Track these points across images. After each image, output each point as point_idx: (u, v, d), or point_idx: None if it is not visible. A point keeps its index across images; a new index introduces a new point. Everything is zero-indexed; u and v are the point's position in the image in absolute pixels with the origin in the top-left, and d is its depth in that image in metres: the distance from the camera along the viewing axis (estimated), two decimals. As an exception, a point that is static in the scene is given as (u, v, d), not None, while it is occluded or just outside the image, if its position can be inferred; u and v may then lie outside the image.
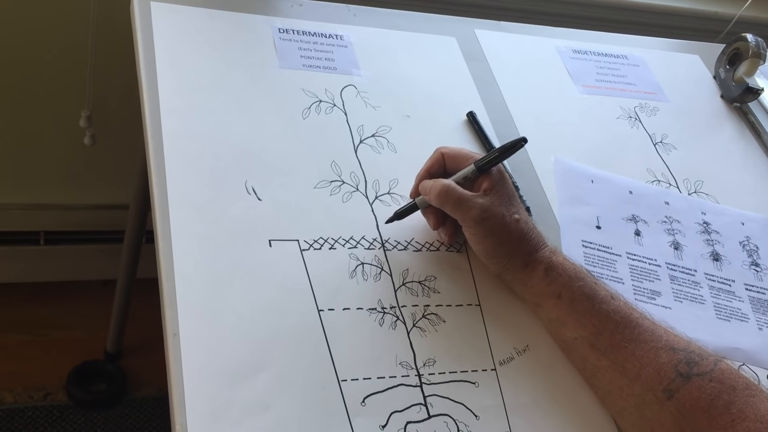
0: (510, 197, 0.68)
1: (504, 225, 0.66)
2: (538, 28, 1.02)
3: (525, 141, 0.69)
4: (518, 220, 0.67)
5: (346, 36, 0.88)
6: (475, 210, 0.66)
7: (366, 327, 0.64)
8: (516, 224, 0.66)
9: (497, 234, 0.66)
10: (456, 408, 0.62)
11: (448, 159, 0.70)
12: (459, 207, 0.66)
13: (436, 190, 0.67)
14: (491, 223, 0.66)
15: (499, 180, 0.68)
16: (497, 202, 0.67)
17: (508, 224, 0.66)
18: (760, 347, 0.77)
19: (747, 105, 1.04)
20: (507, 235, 0.66)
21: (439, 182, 0.67)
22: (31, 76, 1.20)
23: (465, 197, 0.66)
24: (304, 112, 0.78)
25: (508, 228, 0.66)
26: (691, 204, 0.88)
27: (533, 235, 0.68)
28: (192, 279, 0.62)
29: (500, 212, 0.66)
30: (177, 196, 0.66)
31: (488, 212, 0.66)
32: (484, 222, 0.66)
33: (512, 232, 0.66)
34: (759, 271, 0.85)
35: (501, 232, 0.66)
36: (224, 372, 0.58)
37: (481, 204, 0.66)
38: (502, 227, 0.66)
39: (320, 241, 0.68)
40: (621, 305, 0.64)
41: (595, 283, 0.66)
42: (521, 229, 0.67)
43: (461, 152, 0.70)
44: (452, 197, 0.66)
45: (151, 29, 0.78)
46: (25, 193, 1.33)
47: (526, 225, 0.68)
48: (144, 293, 1.18)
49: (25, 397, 1.33)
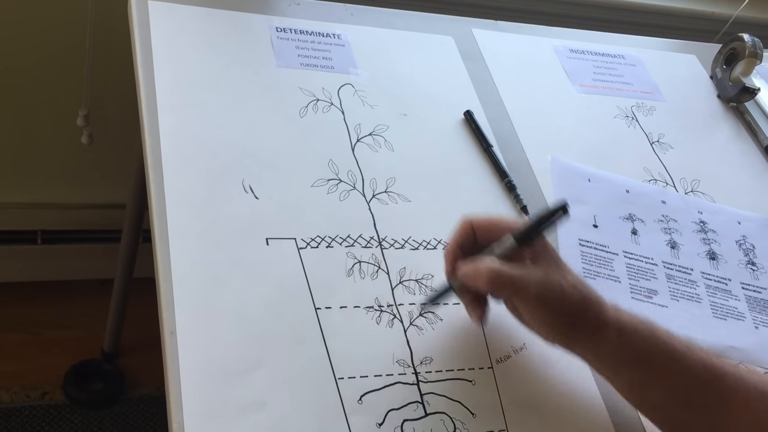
0: (558, 262, 0.61)
1: (563, 292, 0.59)
2: (535, 27, 1.02)
3: (567, 209, 0.61)
4: (574, 284, 0.60)
5: (344, 35, 0.88)
6: (532, 288, 0.58)
7: (363, 325, 0.64)
8: (574, 288, 0.59)
9: (560, 307, 0.59)
10: (453, 406, 0.62)
11: (478, 230, 0.63)
12: (515, 289, 0.59)
13: (486, 276, 0.59)
14: (552, 297, 0.58)
15: (542, 248, 0.61)
16: (550, 271, 0.60)
17: (566, 290, 0.59)
18: (756, 346, 0.78)
19: (743, 105, 1.04)
20: (569, 303, 0.59)
21: (484, 266, 0.59)
22: (28, 75, 1.20)
23: (518, 276, 0.59)
24: (301, 111, 0.78)
25: (568, 294, 0.59)
26: (688, 203, 0.88)
27: (593, 296, 0.60)
28: (189, 277, 0.62)
29: (557, 281, 0.59)
30: (174, 194, 0.66)
31: (546, 285, 0.58)
32: (544, 296, 0.58)
33: (573, 298, 0.59)
34: (755, 270, 0.85)
35: (563, 301, 0.59)
36: (221, 370, 0.58)
37: (536, 278, 0.58)
38: (562, 297, 0.59)
39: (317, 239, 0.68)
40: (700, 356, 0.60)
41: (669, 336, 0.60)
42: (581, 293, 0.60)
43: (492, 221, 0.63)
44: (505, 280, 0.59)
45: (148, 28, 0.78)
46: (22, 192, 1.33)
47: (583, 287, 0.60)
48: (141, 292, 1.18)
49: (23, 396, 1.33)
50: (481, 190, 0.79)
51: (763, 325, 0.80)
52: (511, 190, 0.79)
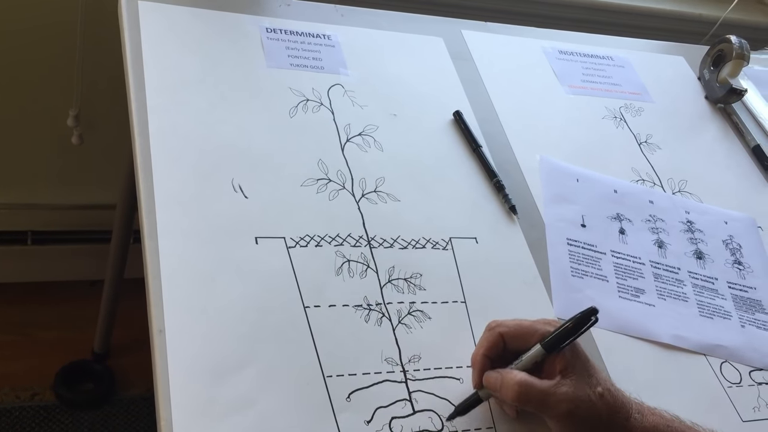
0: (587, 368, 0.60)
1: (593, 407, 0.58)
2: (524, 29, 1.03)
3: (596, 313, 0.60)
4: (602, 393, 0.59)
5: (334, 36, 0.88)
6: (563, 405, 0.58)
7: (352, 323, 0.65)
8: (602, 399, 0.59)
9: (588, 420, 0.58)
10: (441, 404, 0.63)
11: (508, 338, 0.62)
12: (544, 406, 0.58)
13: (513, 392, 0.58)
14: (580, 412, 0.58)
15: (573, 354, 0.60)
16: (579, 383, 0.59)
17: (595, 404, 0.59)
18: (742, 344, 0.78)
19: (731, 106, 1.05)
20: (598, 417, 0.59)
21: (512, 379, 0.59)
22: (18, 75, 1.20)
23: (547, 392, 0.58)
24: (291, 111, 0.78)
25: (597, 408, 0.59)
26: (675, 203, 0.89)
27: (619, 402, 0.60)
28: (178, 276, 0.62)
29: (586, 395, 0.58)
30: (163, 193, 0.67)
31: (576, 401, 0.58)
32: (574, 413, 0.58)
33: (602, 412, 0.59)
34: (741, 270, 0.85)
35: (592, 416, 0.58)
36: (210, 368, 0.58)
37: (566, 394, 0.58)
38: (592, 411, 0.58)
39: (306, 238, 0.69)
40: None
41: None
42: (608, 402, 0.59)
43: (522, 327, 0.62)
44: (534, 396, 0.58)
45: (138, 28, 0.78)
46: (12, 193, 1.33)
47: (610, 394, 0.60)
48: (131, 293, 1.17)
49: (12, 396, 1.33)
50: (470, 190, 0.79)
51: (749, 324, 0.81)
52: (500, 190, 0.80)
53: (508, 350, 0.62)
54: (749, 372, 0.76)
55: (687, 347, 0.76)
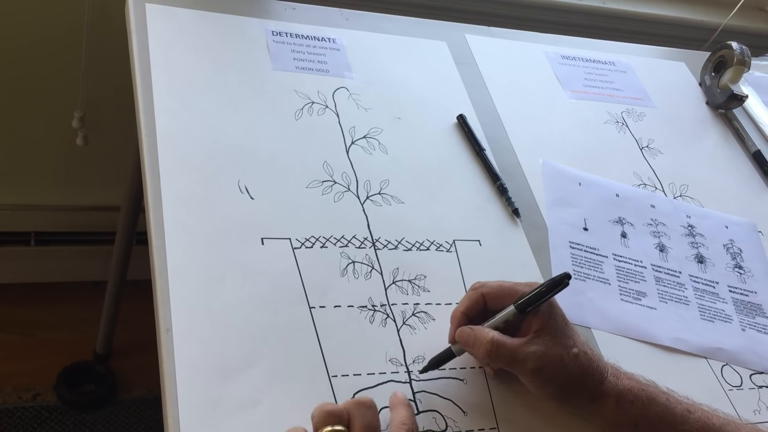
0: (563, 330, 0.62)
1: (564, 366, 0.60)
2: (527, 34, 1.04)
3: (569, 278, 0.62)
4: (577, 354, 0.61)
5: (339, 39, 0.89)
6: (530, 362, 0.60)
7: (356, 324, 0.65)
8: (576, 360, 0.61)
9: (559, 377, 0.61)
10: (444, 404, 0.63)
11: (489, 298, 0.64)
12: (513, 362, 0.61)
13: (485, 349, 0.61)
14: (550, 370, 0.60)
15: (549, 315, 0.62)
16: (552, 342, 0.61)
17: (567, 364, 0.61)
18: (743, 348, 0.79)
19: (732, 111, 1.06)
20: (569, 375, 0.61)
21: (484, 337, 0.61)
22: (24, 77, 1.20)
23: (516, 350, 0.60)
24: (296, 113, 0.79)
25: (569, 368, 0.61)
26: (677, 207, 0.89)
27: (594, 365, 0.62)
28: (185, 276, 0.63)
29: (558, 354, 0.60)
30: (170, 194, 0.67)
31: (545, 359, 0.60)
32: (542, 370, 0.60)
33: (573, 371, 0.61)
34: (742, 274, 0.86)
35: (562, 374, 0.61)
36: (216, 367, 0.59)
37: (534, 353, 0.60)
38: (562, 370, 0.60)
39: (312, 239, 0.69)
40: (699, 417, 0.62)
41: (667, 399, 0.63)
42: (582, 363, 0.61)
43: (503, 288, 0.64)
44: (503, 354, 0.61)
45: (145, 30, 0.79)
46: (16, 194, 1.33)
47: (585, 356, 0.62)
48: (134, 295, 1.19)
49: (14, 397, 1.33)
50: (474, 193, 0.80)
51: (750, 328, 0.81)
52: (503, 193, 0.81)
53: (489, 310, 0.64)
54: (750, 375, 0.77)
55: (688, 350, 0.76)
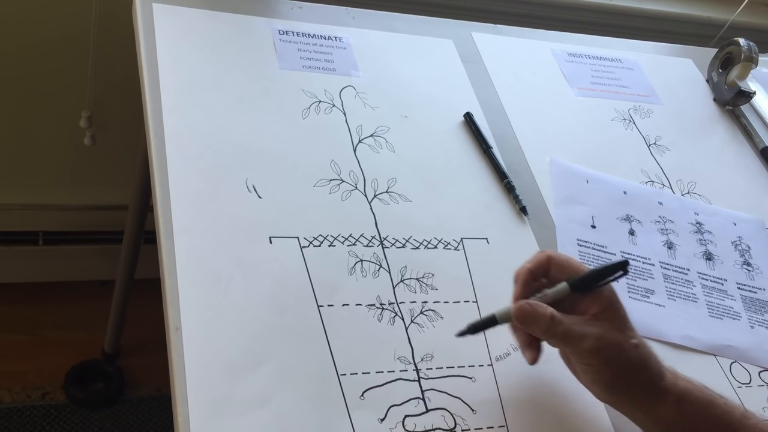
0: (624, 319, 0.61)
1: (622, 352, 0.59)
2: (534, 31, 1.04)
3: (627, 265, 0.61)
4: (637, 345, 0.59)
5: (345, 38, 0.89)
6: (588, 340, 0.58)
7: (365, 322, 0.65)
8: (636, 349, 0.59)
9: (615, 364, 0.59)
10: (453, 402, 0.63)
11: (554, 264, 0.63)
12: (569, 339, 0.59)
13: (543, 323, 0.59)
14: (607, 352, 0.58)
15: (610, 302, 0.61)
16: (610, 327, 0.59)
17: (626, 351, 0.59)
18: (752, 345, 0.79)
19: (739, 108, 1.05)
20: (627, 363, 0.59)
21: (542, 312, 0.60)
22: (32, 77, 1.21)
23: (573, 327, 0.59)
24: (303, 112, 0.79)
25: (628, 356, 0.59)
26: (684, 204, 0.89)
27: (654, 359, 0.60)
28: (194, 275, 0.63)
29: (617, 339, 0.59)
30: (179, 193, 0.67)
31: (603, 341, 0.58)
32: (599, 352, 0.58)
33: (633, 360, 0.59)
34: (751, 271, 0.86)
35: (619, 361, 0.59)
36: (225, 366, 0.59)
37: (592, 332, 0.58)
38: (620, 356, 0.59)
39: (320, 238, 0.69)
40: (756, 423, 0.60)
41: (725, 403, 0.61)
42: (642, 355, 0.60)
43: (569, 261, 0.63)
44: (560, 330, 0.59)
45: (153, 30, 0.79)
46: (24, 193, 1.34)
47: (645, 349, 0.60)
48: (142, 294, 1.19)
49: (23, 396, 1.34)
50: (481, 191, 0.80)
51: (758, 325, 0.81)
52: (510, 191, 0.81)
53: (549, 277, 0.63)
54: (759, 372, 0.77)
55: (697, 348, 0.76)
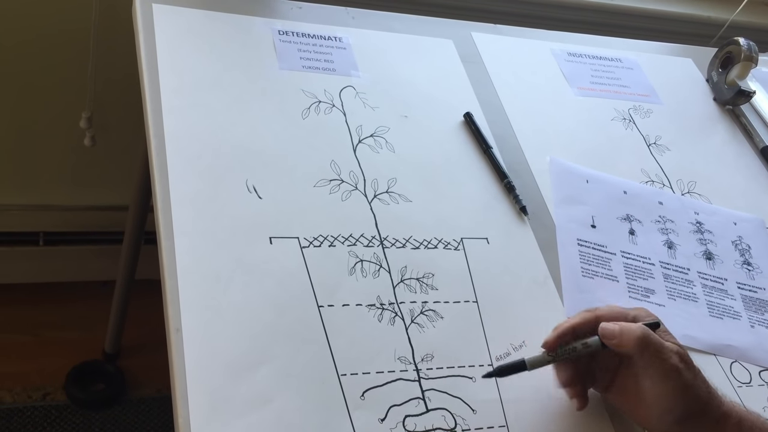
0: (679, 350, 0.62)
1: (696, 376, 0.61)
2: (533, 31, 1.04)
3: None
4: (697, 374, 0.61)
5: (345, 38, 0.89)
6: (675, 357, 0.60)
7: (365, 323, 0.65)
8: (702, 382, 0.61)
9: (691, 388, 0.60)
10: (453, 402, 0.63)
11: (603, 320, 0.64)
12: (659, 353, 0.61)
13: (637, 335, 0.61)
14: (687, 373, 0.60)
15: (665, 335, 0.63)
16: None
17: (694, 377, 0.61)
18: (752, 344, 0.79)
19: (739, 108, 1.05)
20: (697, 394, 0.60)
21: (635, 326, 0.61)
22: (32, 78, 1.21)
23: (664, 344, 0.61)
24: (303, 112, 0.79)
25: (698, 386, 0.61)
26: (685, 204, 0.89)
27: (711, 389, 0.62)
28: (194, 275, 0.63)
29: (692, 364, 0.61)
30: (179, 194, 0.67)
31: (685, 361, 0.61)
32: (682, 373, 0.60)
33: (701, 387, 0.61)
34: (751, 270, 0.86)
35: (694, 385, 0.60)
36: (226, 366, 0.59)
37: (678, 352, 0.61)
38: (695, 379, 0.61)
39: (320, 238, 0.69)
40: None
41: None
42: (705, 381, 0.62)
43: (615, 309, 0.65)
44: (652, 343, 0.61)
45: (153, 31, 0.79)
46: (24, 194, 1.34)
47: (702, 376, 0.62)
48: (142, 294, 1.19)
49: (24, 396, 1.34)
50: (481, 191, 0.80)
51: (759, 324, 0.81)
52: (510, 191, 0.81)
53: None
54: (759, 372, 0.77)
55: (697, 347, 0.76)
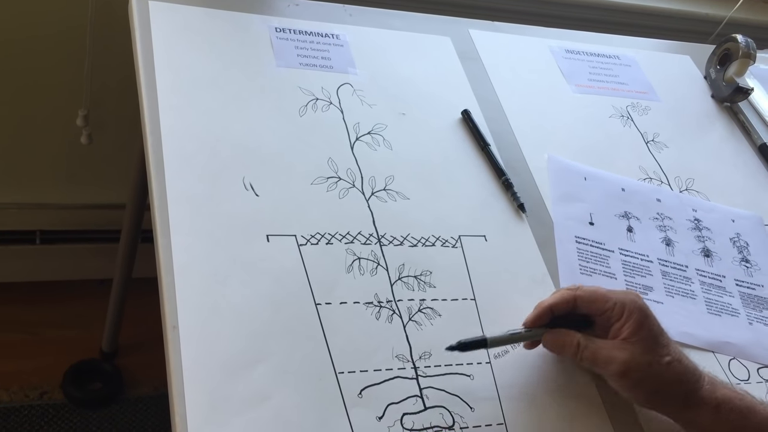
0: (655, 338, 0.63)
1: (652, 373, 0.61)
2: (531, 28, 1.03)
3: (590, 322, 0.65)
4: (669, 362, 0.62)
5: (342, 35, 0.89)
6: (614, 364, 0.62)
7: (363, 320, 0.65)
8: (668, 368, 0.62)
9: (647, 384, 0.62)
10: (451, 400, 0.63)
11: (581, 301, 0.65)
12: (596, 364, 0.63)
13: (571, 350, 0.63)
14: (636, 374, 0.61)
15: (639, 324, 0.63)
16: (641, 349, 0.62)
17: (657, 371, 0.62)
18: (750, 341, 0.79)
19: (737, 105, 1.05)
20: (659, 382, 0.62)
21: (570, 340, 0.64)
22: (28, 76, 1.20)
23: (600, 353, 0.62)
24: (300, 110, 0.79)
25: (659, 375, 0.62)
26: (683, 201, 0.89)
27: (689, 373, 0.63)
28: (191, 273, 0.63)
29: (645, 361, 0.61)
30: (175, 192, 0.67)
31: (630, 364, 0.61)
32: (626, 375, 0.62)
33: (665, 378, 0.62)
34: (749, 267, 0.86)
35: (650, 380, 0.62)
36: (223, 364, 0.59)
37: (620, 357, 0.62)
38: (650, 376, 0.62)
39: (317, 236, 0.69)
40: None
41: (765, 409, 0.63)
42: (675, 371, 0.62)
43: (595, 295, 0.65)
44: (587, 356, 0.63)
45: (149, 28, 0.79)
46: (21, 192, 1.34)
47: (679, 364, 0.63)
48: (140, 293, 1.19)
49: (21, 395, 1.33)
50: (479, 188, 0.80)
51: (757, 321, 0.81)
52: (508, 188, 0.80)
53: (577, 310, 0.66)
54: (757, 369, 0.77)
55: (695, 344, 0.76)
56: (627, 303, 0.63)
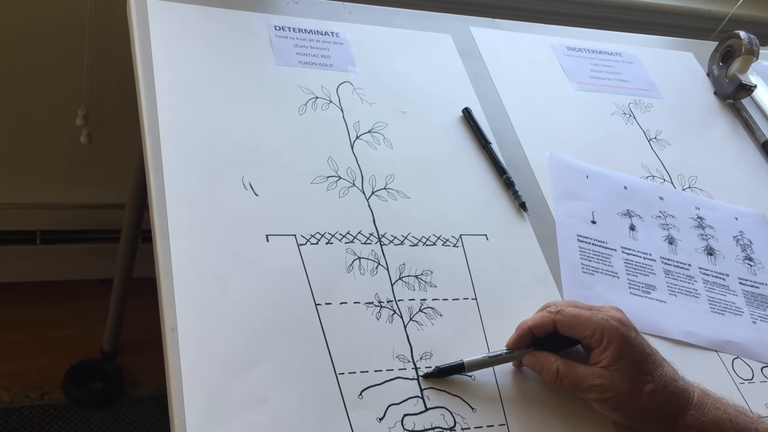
0: (638, 365, 0.62)
1: (632, 402, 0.61)
2: (532, 25, 1.03)
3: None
4: (652, 390, 0.61)
5: (342, 33, 0.88)
6: (592, 393, 0.62)
7: (363, 321, 0.65)
8: (649, 397, 0.61)
9: (625, 410, 0.62)
10: (452, 401, 0.63)
11: (560, 326, 0.64)
12: (576, 391, 0.63)
13: (550, 377, 0.63)
14: (614, 402, 0.61)
15: (620, 353, 0.62)
16: (620, 378, 0.61)
17: (637, 400, 0.61)
18: (754, 340, 0.78)
19: (740, 102, 1.04)
20: (638, 409, 0.61)
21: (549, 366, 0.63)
22: (27, 75, 1.20)
23: (580, 381, 0.62)
24: (300, 109, 0.78)
25: (639, 403, 0.61)
26: (685, 199, 0.88)
27: (674, 400, 0.62)
28: (190, 274, 0.62)
29: (625, 389, 0.61)
30: (174, 192, 0.67)
31: (609, 391, 0.61)
32: (606, 402, 0.62)
33: (645, 406, 0.61)
34: (752, 266, 0.85)
35: (629, 408, 0.62)
36: (222, 365, 0.58)
37: (599, 385, 0.61)
38: (629, 404, 0.61)
39: (317, 235, 0.69)
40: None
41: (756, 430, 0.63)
42: (657, 399, 0.61)
43: (577, 318, 0.64)
44: (566, 383, 0.63)
45: (147, 27, 0.78)
46: (21, 192, 1.33)
47: (664, 391, 0.62)
48: (140, 292, 1.18)
49: (22, 396, 1.33)
50: (480, 187, 0.79)
51: (761, 320, 0.80)
52: (510, 187, 0.80)
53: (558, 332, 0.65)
54: (761, 368, 0.76)
55: (698, 343, 0.75)
56: (607, 331, 0.62)
